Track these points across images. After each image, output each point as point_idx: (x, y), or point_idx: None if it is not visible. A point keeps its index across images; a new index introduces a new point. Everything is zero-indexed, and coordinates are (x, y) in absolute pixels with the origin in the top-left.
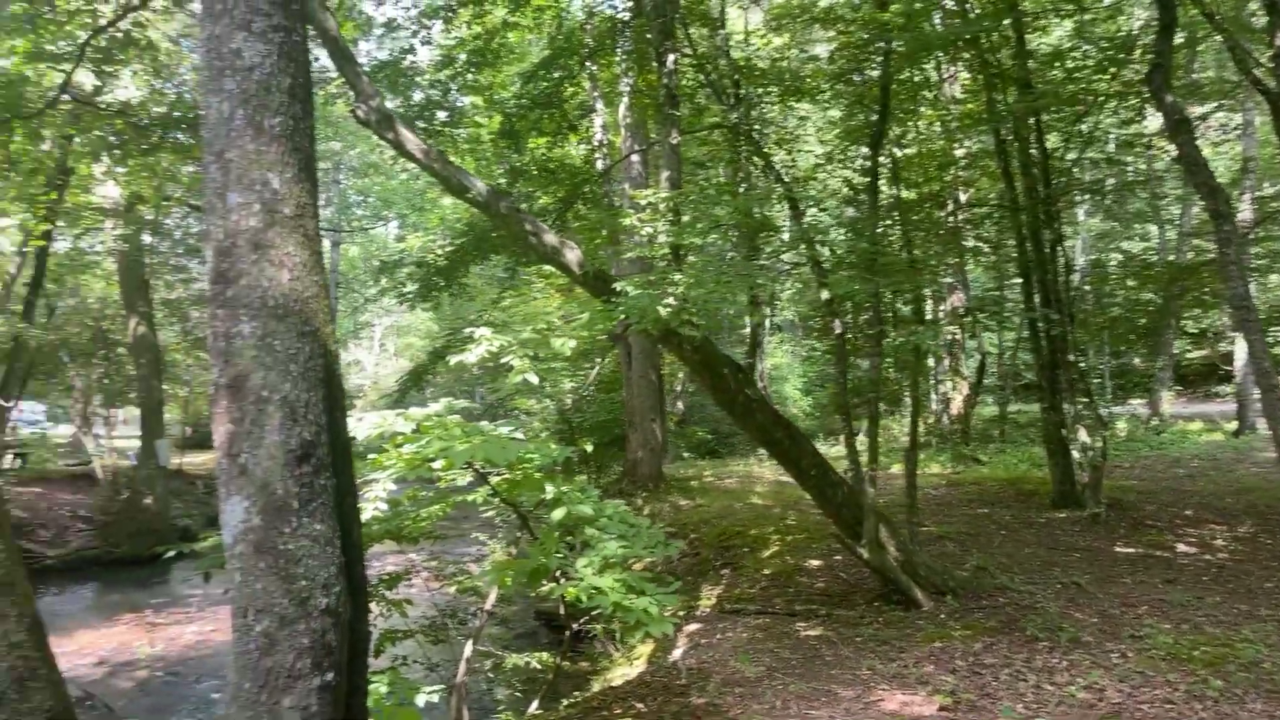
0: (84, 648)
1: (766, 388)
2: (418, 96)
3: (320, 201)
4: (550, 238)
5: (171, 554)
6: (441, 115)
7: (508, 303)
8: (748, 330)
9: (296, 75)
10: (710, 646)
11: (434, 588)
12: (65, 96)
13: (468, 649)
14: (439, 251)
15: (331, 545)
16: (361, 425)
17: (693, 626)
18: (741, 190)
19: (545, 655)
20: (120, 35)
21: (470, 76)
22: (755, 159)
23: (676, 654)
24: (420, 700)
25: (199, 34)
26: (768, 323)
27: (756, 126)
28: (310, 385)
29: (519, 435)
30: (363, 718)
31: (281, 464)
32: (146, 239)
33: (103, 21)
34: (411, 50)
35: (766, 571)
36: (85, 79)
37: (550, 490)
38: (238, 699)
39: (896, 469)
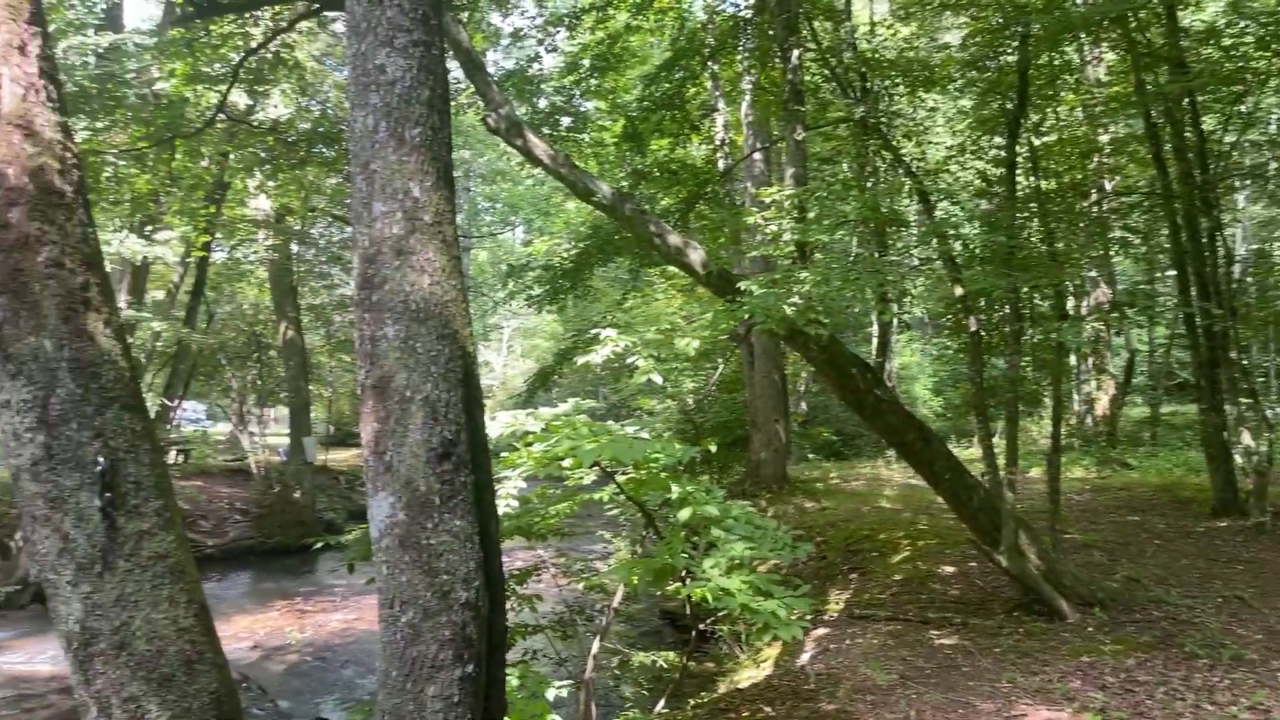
0: (239, 632)
1: (895, 387)
2: (542, 103)
3: None
4: (674, 238)
5: (319, 545)
6: (565, 121)
7: (630, 304)
8: (875, 329)
9: (435, 87)
10: (839, 652)
11: (562, 584)
12: (221, 116)
13: (595, 645)
14: (564, 255)
15: (471, 541)
16: (494, 425)
17: (820, 631)
18: (869, 185)
19: (671, 654)
20: (270, 56)
21: (594, 81)
22: (883, 153)
23: (804, 658)
24: (550, 694)
25: (344, 51)
26: (896, 321)
27: (884, 119)
28: (450, 385)
29: (644, 435)
30: (501, 710)
31: (424, 461)
32: (294, 248)
33: (254, 44)
34: (537, 58)
35: (897, 577)
36: (239, 99)
37: (675, 490)
38: (385, 685)
39: (1036, 473)
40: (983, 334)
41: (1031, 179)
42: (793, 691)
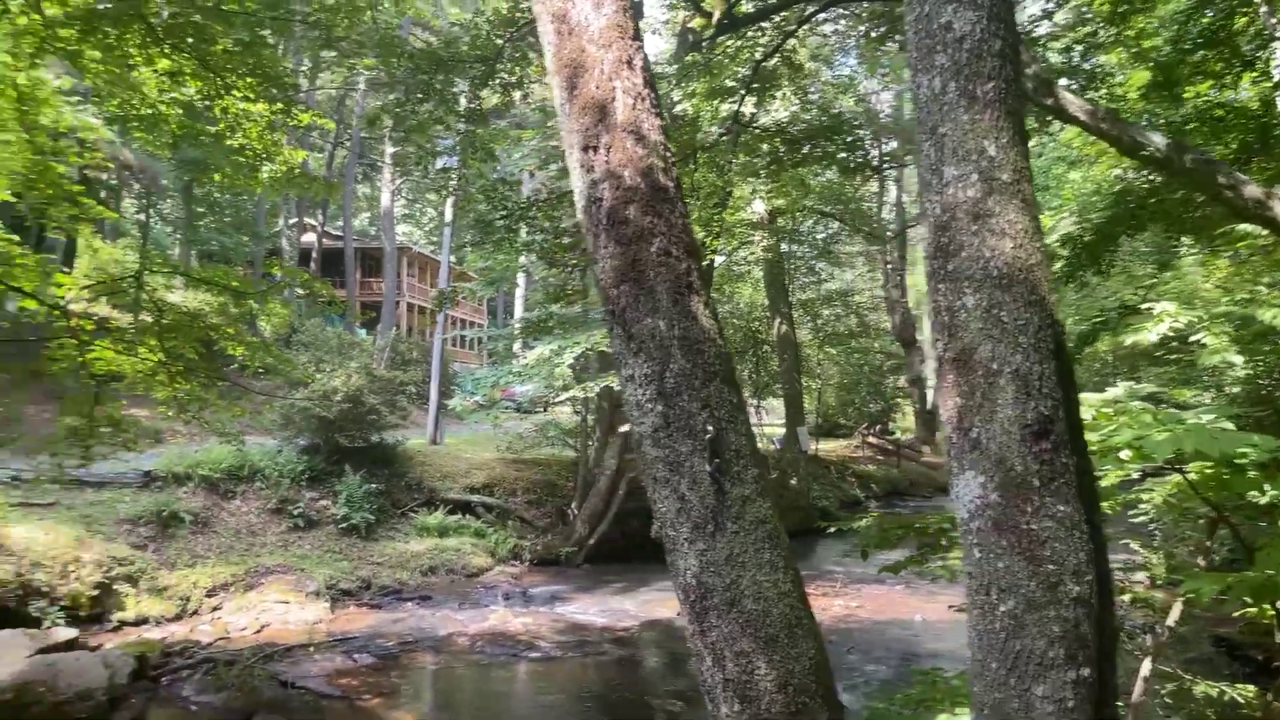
0: None
1: None
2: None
3: None
4: (1252, 189)
5: (831, 530)
6: (1064, 81)
7: (1169, 275)
8: None
9: (1005, 36)
10: None
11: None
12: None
13: (1145, 666)
14: (1083, 228)
15: (1079, 529)
16: None
17: None
18: None
19: (1250, 688)
20: (778, 61)
21: (1110, 30)
22: None
23: None
24: None
25: (907, 17)
26: None
27: None
28: (1042, 357)
29: (1227, 424)
30: None
31: (1017, 439)
32: (785, 247)
33: (760, 54)
34: (1047, 15)
35: None
36: (745, 107)
37: (1270, 491)
38: (983, 677)
39: None
40: None
41: None
42: None
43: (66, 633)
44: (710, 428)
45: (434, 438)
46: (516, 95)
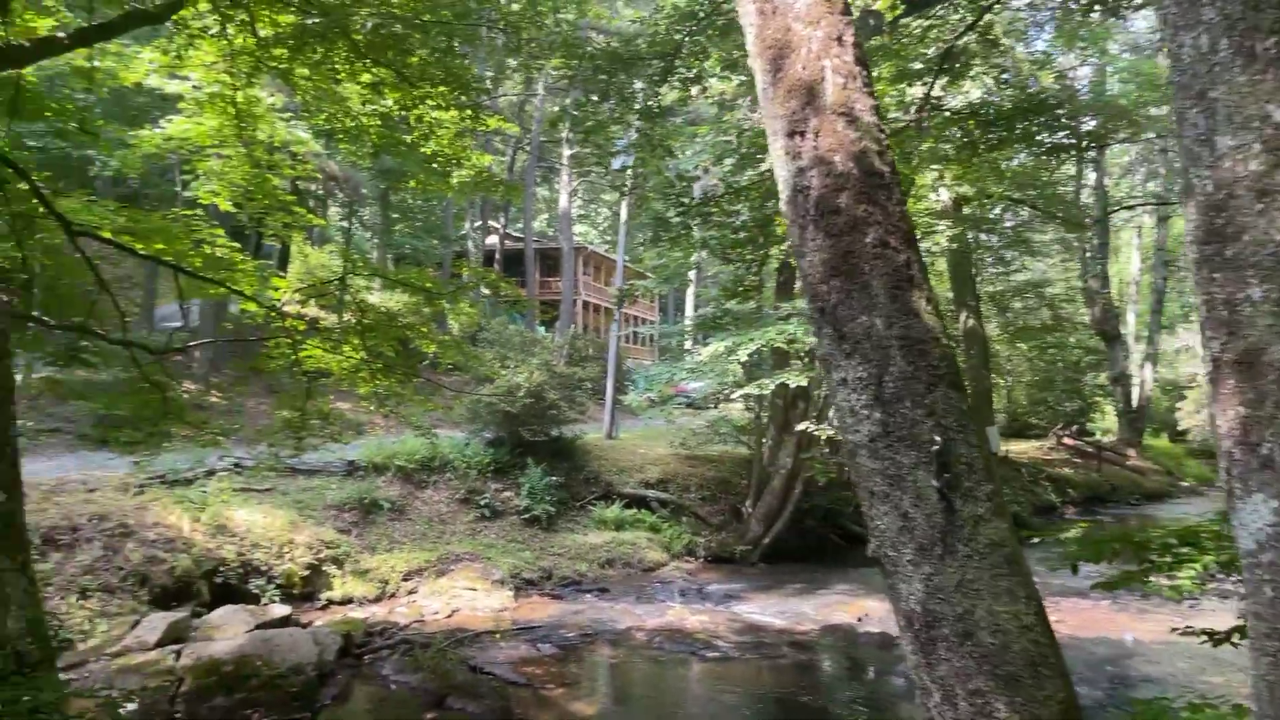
0: None
1: None
2: None
3: None
4: None
5: (1034, 541)
6: None
7: None
8: None
9: None
10: None
11: None
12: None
13: None
14: None
15: None
16: None
17: None
18: None
19: None
20: (973, 38)
21: None
22: None
23: None
24: None
25: None
26: None
27: None
28: None
29: None
30: None
31: None
32: (971, 237)
33: (951, 32)
34: None
35: None
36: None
37: None
38: None
39: None
40: None
41: None
42: None
43: (281, 609)
44: (937, 437)
45: (609, 432)
46: (694, 90)
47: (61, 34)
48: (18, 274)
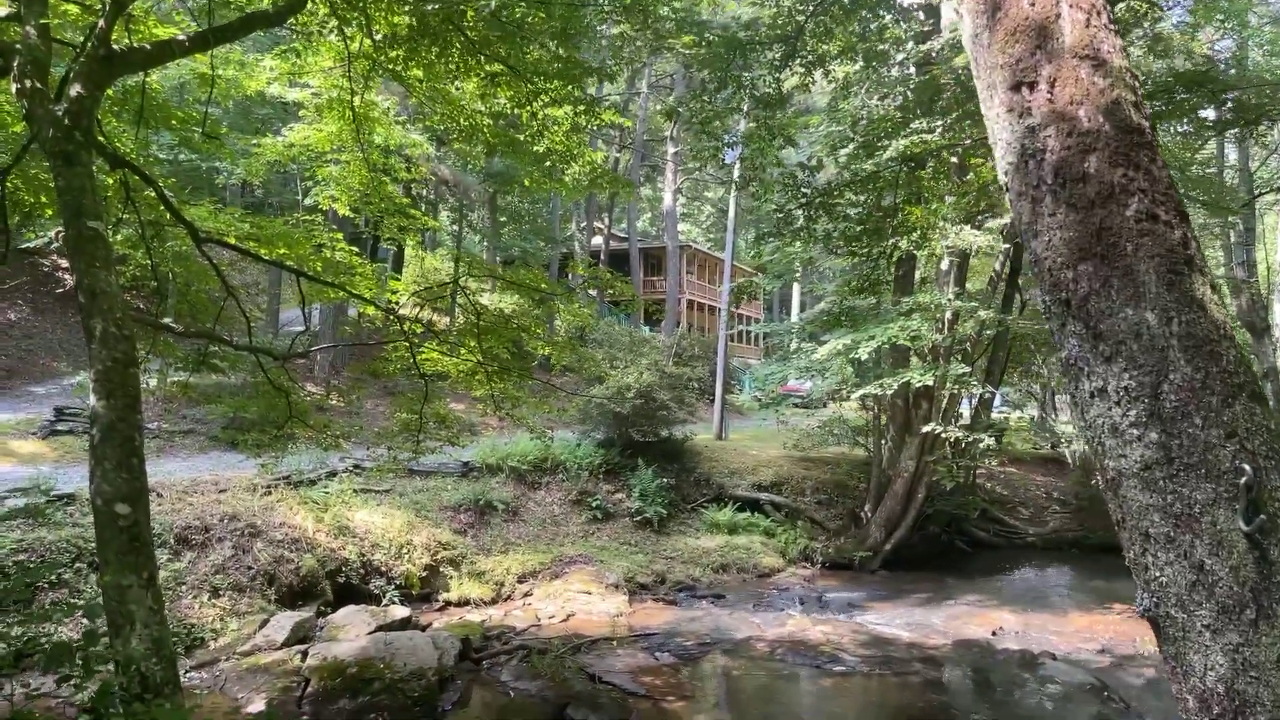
0: (1081, 630)
1: None
2: None
3: None
4: None
5: None
6: None
7: None
8: None
9: None
10: None
11: None
12: None
13: None
14: None
15: None
16: None
17: None
18: None
19: None
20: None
21: None
22: None
23: None
24: None
25: None
26: None
27: None
28: None
29: None
30: None
31: None
32: None
33: None
34: None
35: None
36: None
37: None
38: None
39: None
40: None
41: None
42: None
43: (402, 611)
44: (1246, 466)
45: (719, 433)
46: (817, 74)
47: (181, 36)
48: (149, 281)
